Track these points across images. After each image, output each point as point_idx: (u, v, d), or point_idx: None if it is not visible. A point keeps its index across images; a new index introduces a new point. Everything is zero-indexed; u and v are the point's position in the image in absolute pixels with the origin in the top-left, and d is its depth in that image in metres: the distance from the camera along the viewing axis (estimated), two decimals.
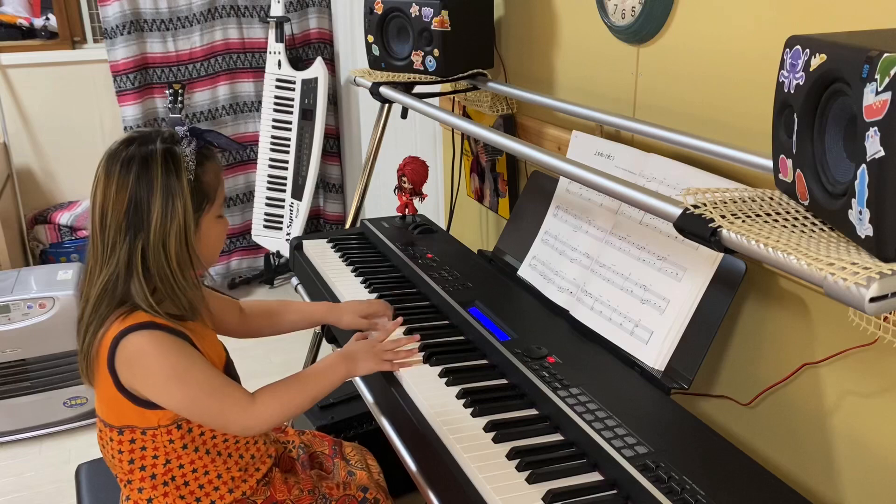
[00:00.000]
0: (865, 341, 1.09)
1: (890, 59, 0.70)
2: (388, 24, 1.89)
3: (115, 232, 1.11)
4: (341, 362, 1.28)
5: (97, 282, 1.12)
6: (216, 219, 1.21)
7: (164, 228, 1.11)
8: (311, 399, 1.24)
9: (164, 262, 1.11)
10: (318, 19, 3.46)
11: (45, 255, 3.25)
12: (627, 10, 1.48)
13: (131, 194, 1.10)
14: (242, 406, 1.16)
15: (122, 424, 1.16)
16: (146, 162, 1.11)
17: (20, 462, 2.41)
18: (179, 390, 1.12)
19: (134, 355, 1.10)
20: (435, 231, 1.97)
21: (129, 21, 3.17)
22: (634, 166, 1.44)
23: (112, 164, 1.12)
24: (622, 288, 1.37)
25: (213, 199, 1.19)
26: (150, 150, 1.12)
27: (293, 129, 3.26)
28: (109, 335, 1.11)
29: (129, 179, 1.10)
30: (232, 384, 1.18)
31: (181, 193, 1.11)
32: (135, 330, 1.10)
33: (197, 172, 1.15)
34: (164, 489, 1.20)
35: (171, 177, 1.11)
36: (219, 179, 1.21)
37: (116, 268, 1.11)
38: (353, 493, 1.36)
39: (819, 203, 0.86)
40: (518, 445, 1.10)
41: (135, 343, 1.10)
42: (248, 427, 1.19)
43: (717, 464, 1.04)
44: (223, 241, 1.25)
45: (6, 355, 2.41)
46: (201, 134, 1.18)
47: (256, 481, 1.27)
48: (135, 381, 1.12)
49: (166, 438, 1.16)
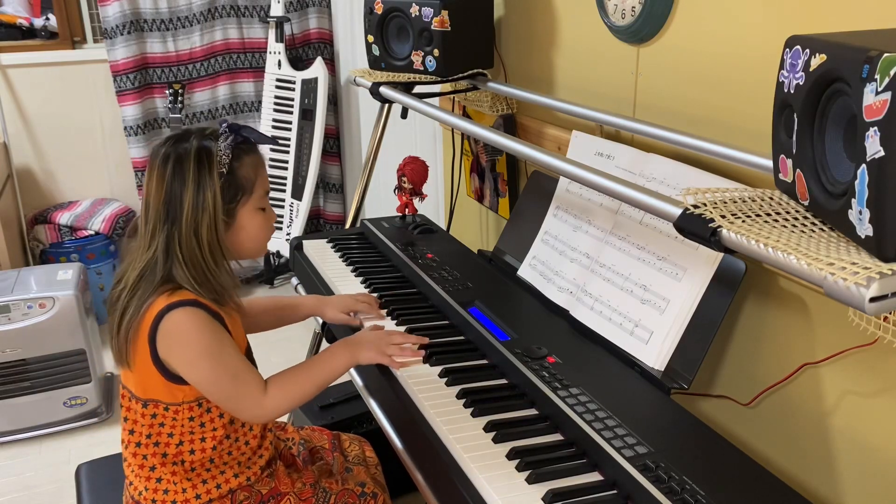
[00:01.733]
0: (865, 341, 1.09)
1: (890, 59, 0.70)
2: (388, 24, 1.89)
3: (155, 221, 1.21)
4: (344, 348, 1.33)
5: (138, 265, 1.22)
6: (256, 210, 1.28)
7: (196, 219, 1.20)
8: (317, 387, 1.29)
9: (196, 250, 1.20)
10: (318, 19, 3.46)
11: (45, 255, 3.25)
12: (627, 10, 1.48)
13: (167, 187, 1.20)
14: (255, 395, 1.23)
15: (148, 397, 1.23)
16: (180, 158, 1.20)
17: (20, 462, 2.41)
18: (208, 367, 1.19)
19: (175, 329, 1.18)
20: (435, 231, 1.97)
21: (129, 21, 3.17)
22: (634, 166, 1.44)
23: (154, 160, 1.23)
24: (622, 288, 1.37)
25: (251, 190, 1.26)
26: (186, 147, 1.21)
27: (293, 129, 3.26)
28: (155, 307, 1.18)
29: (165, 174, 1.20)
30: (253, 371, 1.25)
31: (212, 187, 1.20)
32: (181, 306, 1.18)
33: (233, 166, 1.23)
34: (172, 468, 1.25)
35: (202, 171, 1.20)
36: (257, 172, 1.27)
37: (155, 254, 1.20)
38: (352, 489, 1.39)
39: (819, 203, 0.86)
40: (518, 445, 1.10)
41: (179, 318, 1.17)
42: (257, 416, 1.26)
43: (717, 464, 1.04)
44: (268, 232, 1.32)
45: (6, 355, 2.41)
46: (238, 130, 1.25)
47: (260, 468, 1.32)
48: (170, 353, 1.19)
49: (187, 415, 1.23)
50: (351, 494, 1.38)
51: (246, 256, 1.32)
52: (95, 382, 2.56)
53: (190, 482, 1.26)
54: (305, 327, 2.84)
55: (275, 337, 1.68)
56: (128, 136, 3.32)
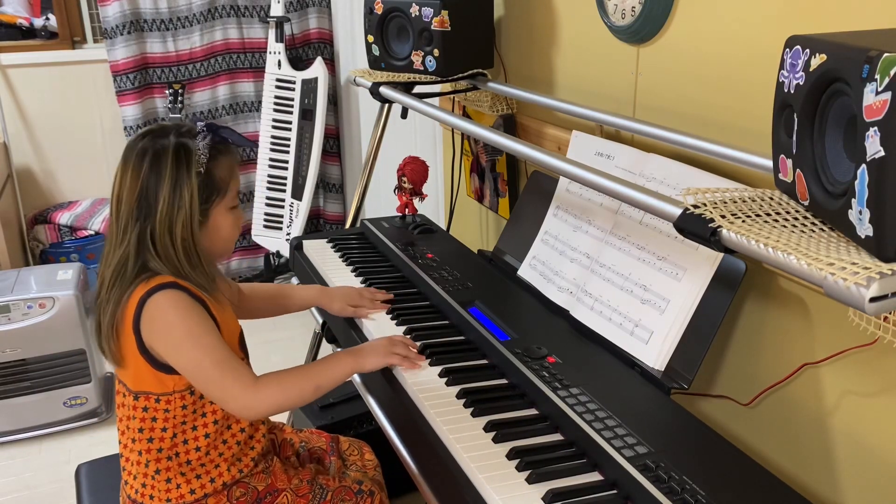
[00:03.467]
0: (865, 341, 1.09)
1: (890, 59, 0.70)
2: (388, 24, 1.89)
3: (127, 217, 1.20)
4: (349, 356, 1.31)
5: (111, 262, 1.21)
6: (228, 210, 1.27)
7: (171, 216, 1.18)
8: (315, 389, 1.26)
9: (170, 248, 1.19)
10: (318, 19, 3.46)
11: (45, 255, 3.25)
12: (627, 10, 1.48)
13: (143, 183, 1.19)
14: (244, 384, 1.20)
15: (139, 389, 1.22)
16: (158, 154, 1.19)
17: (20, 462, 2.41)
18: (190, 350, 1.18)
19: (157, 311, 1.17)
20: (435, 231, 1.97)
21: (129, 21, 3.17)
22: (634, 166, 1.44)
23: (129, 154, 1.21)
24: (622, 288, 1.37)
25: (225, 191, 1.26)
26: (164, 143, 1.20)
27: (293, 129, 3.26)
28: (135, 297, 1.18)
29: (141, 169, 1.19)
30: (238, 361, 1.22)
31: (189, 185, 1.19)
32: (161, 289, 1.18)
33: (209, 166, 1.22)
34: (167, 463, 1.25)
35: (181, 169, 1.19)
36: (232, 174, 1.27)
37: (127, 249, 1.20)
38: (349, 486, 1.39)
39: (819, 203, 0.86)
40: (518, 445, 1.10)
41: (159, 301, 1.17)
42: (248, 407, 1.22)
43: (717, 464, 1.04)
44: (237, 231, 1.32)
45: (6, 355, 2.42)
46: (217, 130, 1.24)
47: (252, 460, 1.31)
48: (154, 338, 1.19)
49: (179, 404, 1.22)
50: (348, 492, 1.38)
51: (216, 256, 1.31)
52: (95, 382, 2.56)
53: (184, 477, 1.25)
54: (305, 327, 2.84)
55: (275, 336, 1.69)
56: (128, 136, 3.32)
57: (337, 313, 1.55)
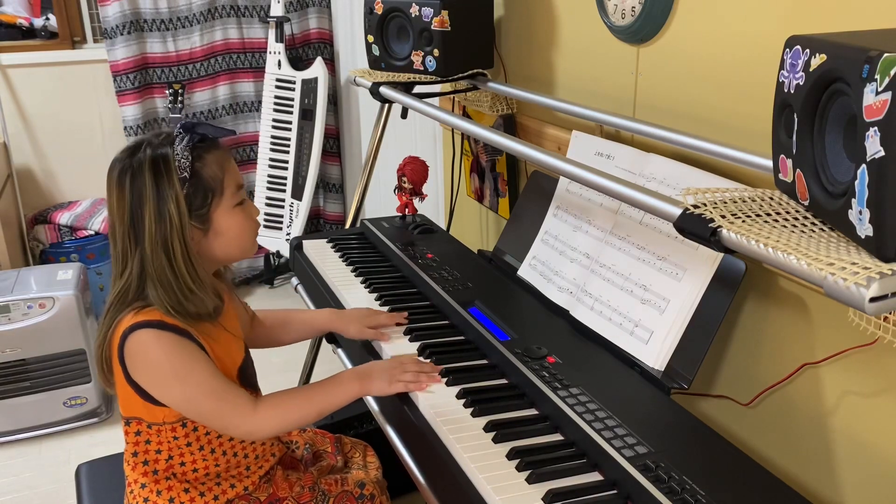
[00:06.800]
0: (865, 341, 1.09)
1: (890, 59, 0.70)
2: (388, 24, 1.89)
3: (123, 243, 1.15)
4: (355, 379, 1.26)
5: (114, 290, 1.16)
6: (232, 209, 1.20)
7: (163, 235, 1.12)
8: (318, 413, 1.23)
9: (166, 270, 1.13)
10: (318, 19, 3.46)
11: (45, 255, 3.24)
12: (627, 10, 1.48)
13: (128, 206, 1.14)
14: (242, 412, 1.16)
15: (130, 415, 1.19)
16: (135, 172, 1.13)
17: (20, 462, 2.41)
18: (178, 389, 1.14)
19: (138, 351, 1.13)
20: (435, 231, 1.97)
21: (129, 21, 3.17)
22: (634, 166, 1.44)
23: (112, 177, 1.16)
24: (622, 288, 1.37)
25: (221, 190, 1.18)
26: (140, 158, 1.14)
27: (293, 129, 3.26)
28: (121, 327, 1.14)
29: (124, 192, 1.14)
30: (234, 389, 1.18)
31: (173, 196, 1.12)
32: (143, 327, 1.12)
33: (195, 167, 1.15)
34: (167, 483, 1.22)
35: (160, 182, 1.12)
36: (224, 169, 1.19)
37: (130, 277, 1.14)
38: (351, 490, 1.37)
39: (819, 203, 0.86)
40: (518, 445, 1.10)
41: (140, 339, 1.13)
42: (250, 433, 1.20)
43: (717, 464, 1.04)
44: (252, 228, 1.24)
45: (6, 355, 2.41)
46: (192, 128, 1.17)
47: (259, 477, 1.29)
48: (138, 375, 1.15)
49: (171, 435, 1.19)
50: (349, 497, 1.36)
51: (236, 258, 1.25)
52: (95, 382, 2.56)
53: (188, 494, 1.22)
54: None
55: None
56: (128, 137, 3.31)
57: (355, 336, 1.46)
